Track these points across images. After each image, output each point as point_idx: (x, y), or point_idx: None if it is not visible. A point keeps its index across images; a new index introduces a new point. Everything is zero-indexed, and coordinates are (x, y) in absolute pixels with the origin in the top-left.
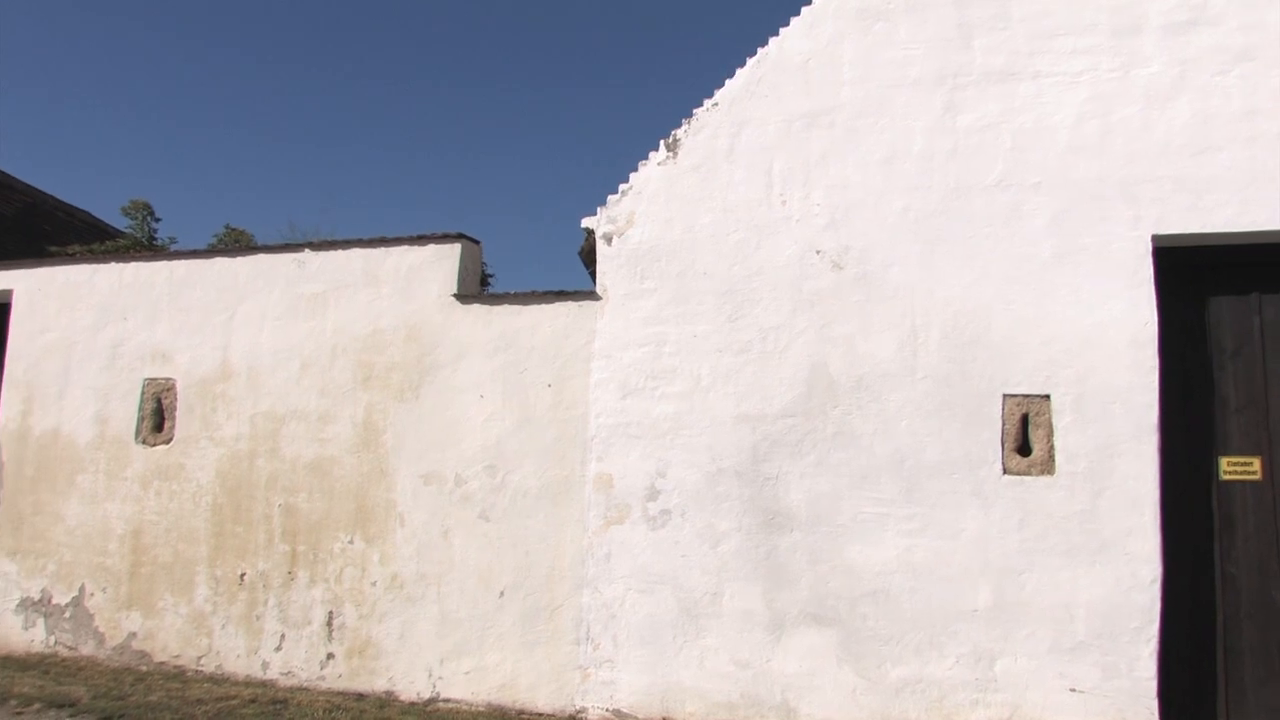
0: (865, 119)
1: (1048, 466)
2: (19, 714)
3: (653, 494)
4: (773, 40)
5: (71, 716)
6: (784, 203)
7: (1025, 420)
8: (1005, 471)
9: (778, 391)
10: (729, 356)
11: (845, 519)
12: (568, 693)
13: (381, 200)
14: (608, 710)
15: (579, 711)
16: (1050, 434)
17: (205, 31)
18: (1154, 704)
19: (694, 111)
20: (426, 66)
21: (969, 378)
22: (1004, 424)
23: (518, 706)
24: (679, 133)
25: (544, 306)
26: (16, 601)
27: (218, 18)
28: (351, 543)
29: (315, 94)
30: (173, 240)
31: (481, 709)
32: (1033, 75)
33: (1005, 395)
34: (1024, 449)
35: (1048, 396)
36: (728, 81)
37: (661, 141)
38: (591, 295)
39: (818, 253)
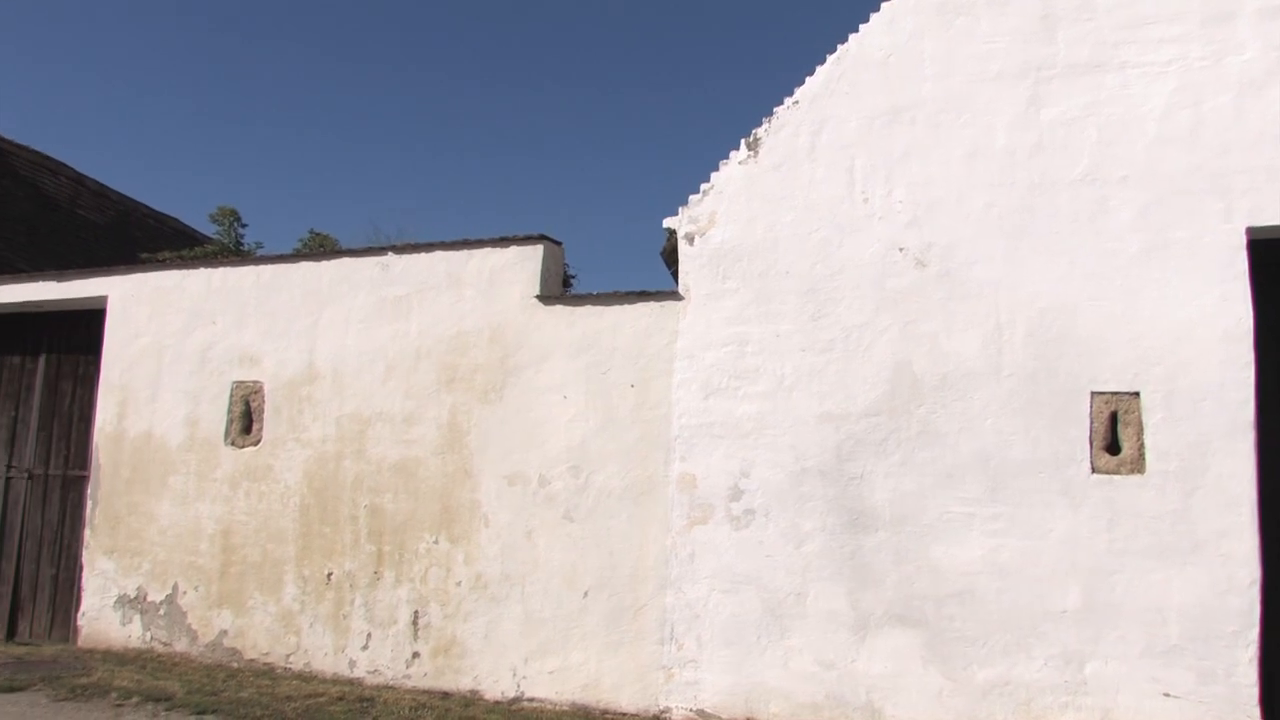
0: (947, 115)
1: (1138, 465)
2: (119, 706)
3: (736, 494)
4: (852, 37)
5: (168, 710)
6: (866, 200)
7: (1114, 418)
8: (1094, 470)
9: (861, 390)
10: (812, 355)
11: (930, 518)
12: (651, 693)
13: (464, 202)
14: (692, 710)
15: (663, 712)
16: (1140, 432)
17: (289, 38)
18: (1256, 711)
19: (774, 110)
20: (510, 69)
21: (1055, 375)
22: (1092, 422)
23: (601, 706)
24: (760, 131)
25: (626, 307)
26: (114, 598)
27: (304, 25)
28: (436, 543)
29: (398, 98)
30: (259, 246)
31: (565, 708)
32: (1119, 66)
33: (1093, 393)
34: (1113, 447)
35: (1137, 394)
36: (808, 79)
37: (742, 140)
38: (674, 295)
39: (900, 250)
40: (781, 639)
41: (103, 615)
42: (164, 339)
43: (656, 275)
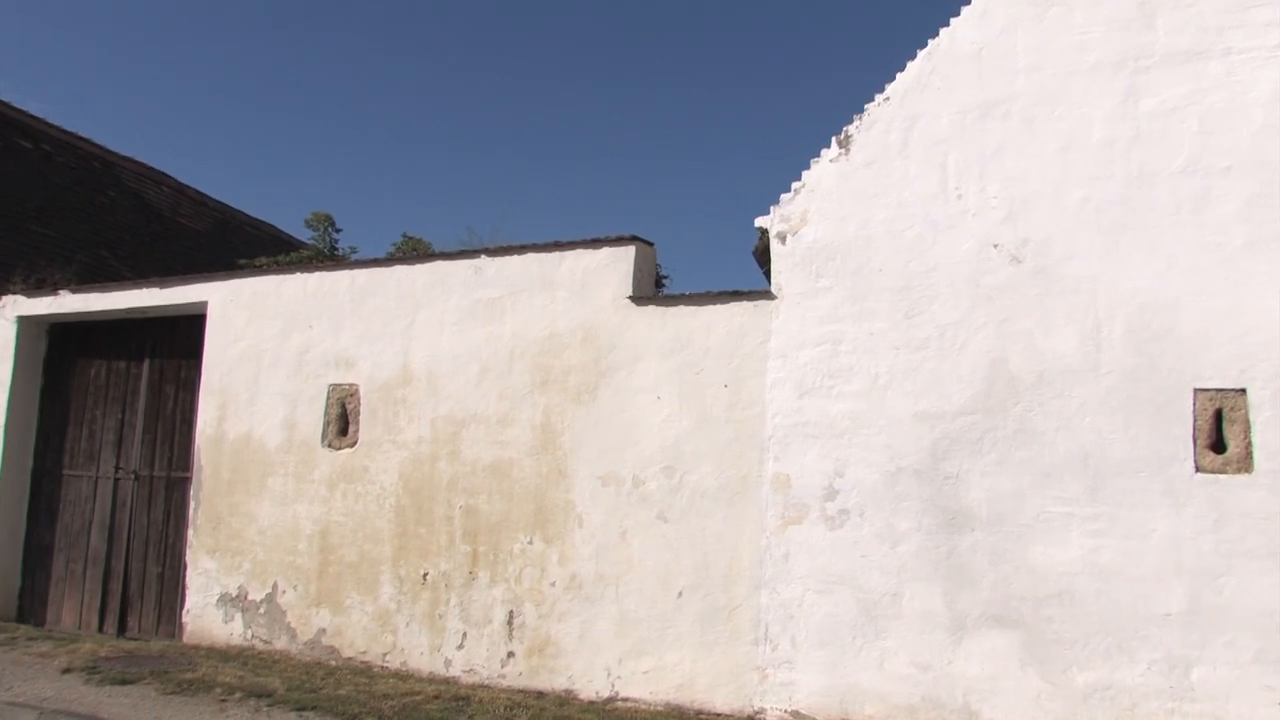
0: (1041, 108)
1: (1245, 464)
2: (223, 701)
3: (831, 494)
4: (943, 31)
5: (269, 707)
6: (959, 196)
7: (1219, 415)
8: (1198, 469)
9: (956, 389)
10: (906, 354)
11: (1028, 518)
12: (746, 693)
13: (556, 204)
14: (786, 711)
15: (757, 712)
16: (1247, 429)
17: (379, 42)
18: None
19: (865, 107)
20: (599, 70)
21: (1156, 372)
22: (1195, 420)
23: (696, 706)
24: (851, 129)
25: (719, 307)
26: (217, 597)
27: (393, 30)
28: (531, 543)
29: (488, 100)
30: (353, 250)
31: (660, 708)
32: (1223, 52)
33: (1196, 390)
34: (1218, 445)
35: (1244, 390)
36: (898, 75)
37: (833, 138)
38: (766, 295)
39: (995, 246)
40: (877, 640)
41: (206, 613)
42: (262, 343)
43: (749, 275)
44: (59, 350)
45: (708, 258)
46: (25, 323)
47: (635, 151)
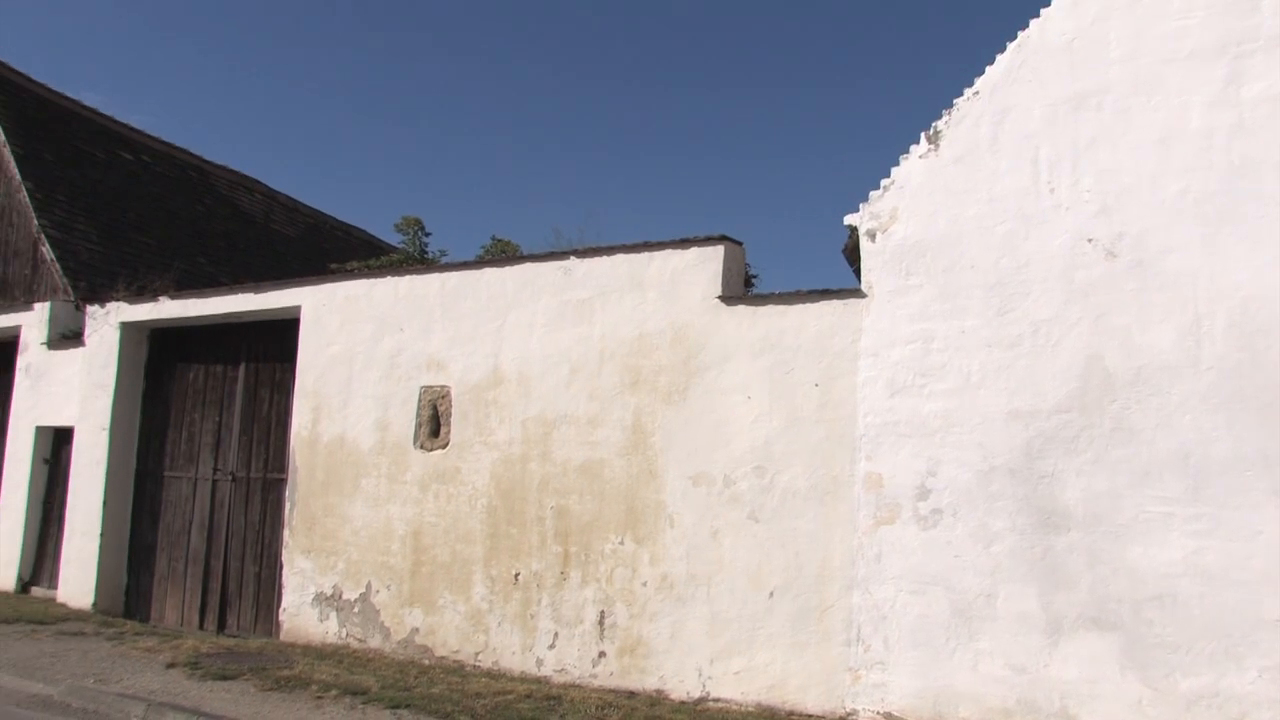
0: (1137, 98)
1: None
2: (319, 698)
3: (923, 493)
4: (1033, 23)
5: (364, 704)
6: (1052, 190)
7: None
8: None
9: (1051, 386)
10: (999, 351)
11: (1126, 518)
12: (838, 694)
13: (644, 204)
14: (879, 713)
15: (849, 714)
16: None
17: (467, 47)
18: None
19: (954, 102)
20: (687, 70)
21: (1261, 367)
22: None
23: (787, 707)
24: (940, 124)
25: (809, 306)
26: (312, 596)
27: (482, 33)
28: (622, 543)
29: (575, 102)
30: (443, 253)
31: (751, 709)
32: None
33: None
34: None
35: None
36: (988, 69)
37: (922, 134)
38: (856, 293)
39: (1089, 241)
40: (970, 641)
41: (302, 612)
42: (354, 346)
43: (839, 273)
44: (159, 355)
45: (797, 256)
46: (128, 328)
47: (723, 151)
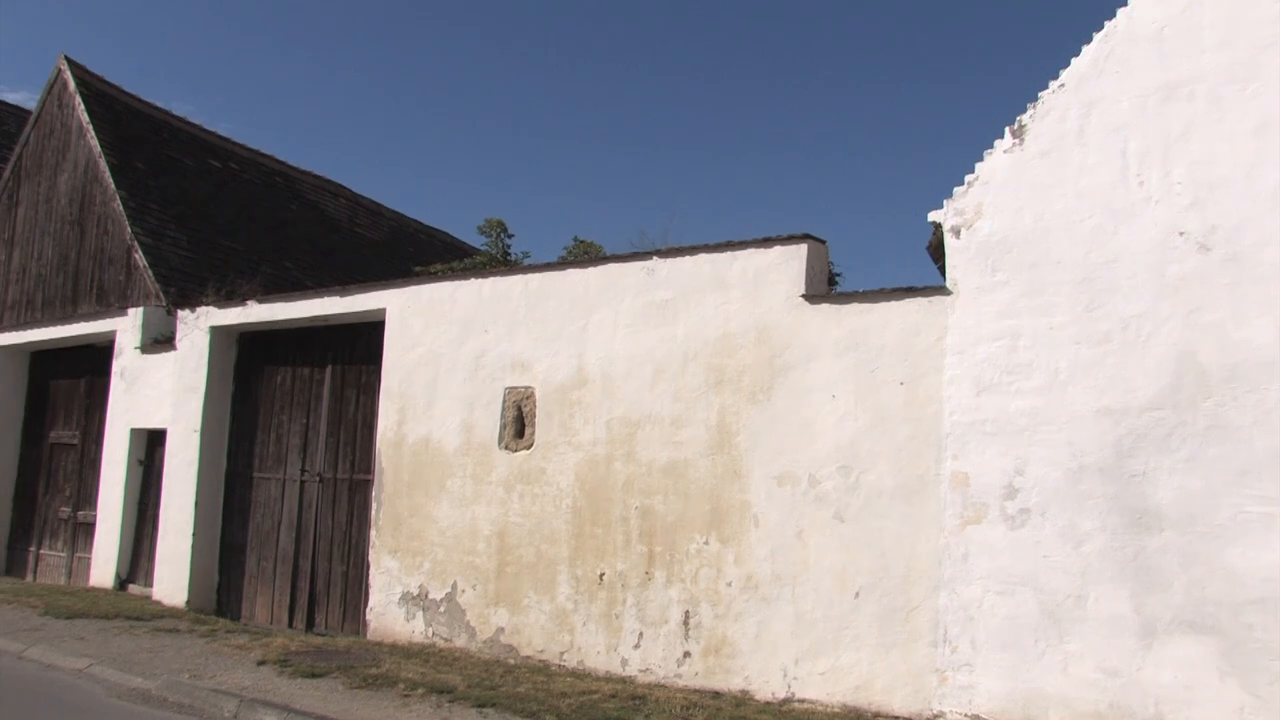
0: (1231, 86)
1: None
2: (406, 696)
3: (1011, 492)
4: (1121, 12)
5: (450, 703)
6: (1141, 184)
7: None
8: None
9: (1142, 383)
10: (1088, 348)
11: (1223, 519)
12: (924, 696)
13: (726, 204)
14: (966, 715)
15: (936, 715)
16: None
17: (547, 48)
18: None
19: (1039, 95)
20: (766, 68)
21: None
22: None
23: (873, 709)
24: (1024, 118)
25: (893, 304)
26: (399, 595)
27: (562, 35)
28: (707, 544)
29: (656, 102)
30: (526, 255)
31: (837, 710)
32: None
33: None
34: None
35: None
36: (1073, 60)
37: (1007, 129)
38: (941, 290)
39: (1181, 234)
40: (1060, 643)
41: (388, 611)
42: (439, 348)
43: (923, 271)
44: (248, 358)
45: (880, 254)
46: (217, 332)
47: (806, 149)
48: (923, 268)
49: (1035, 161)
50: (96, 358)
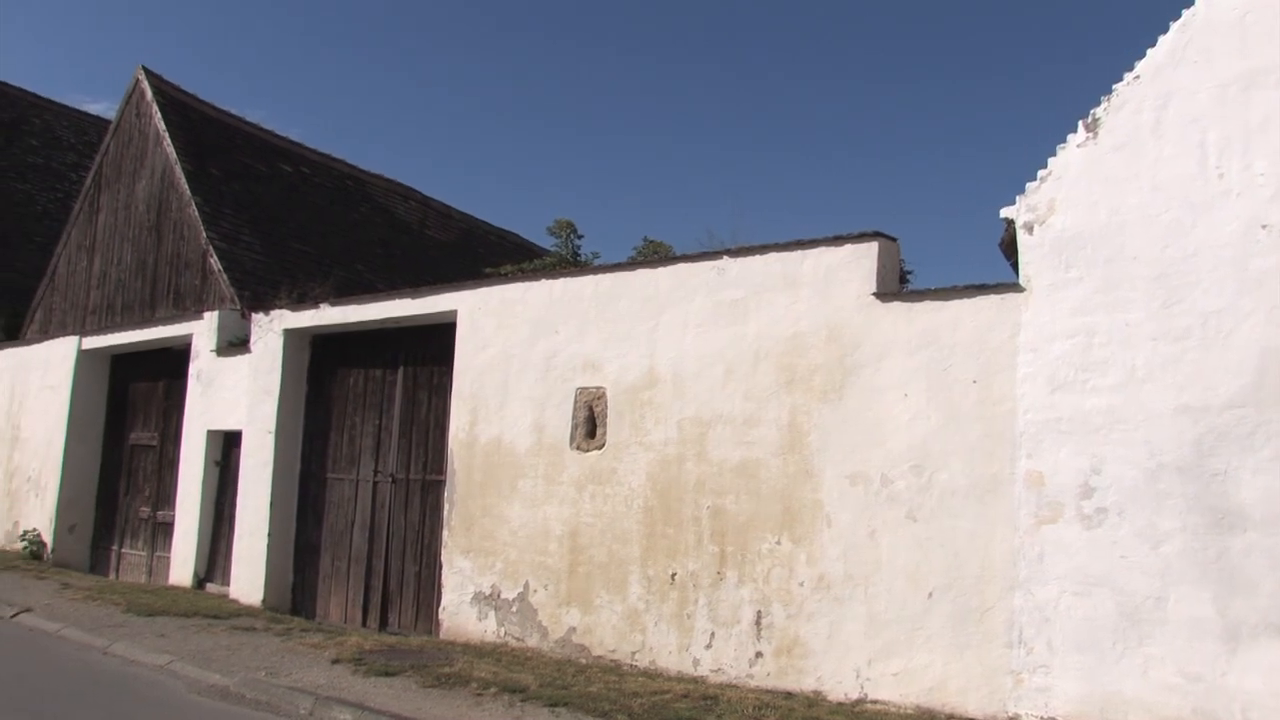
0: None
1: None
2: (479, 696)
3: (1087, 491)
4: (1200, 0)
5: (522, 702)
6: (1221, 176)
7: None
8: None
9: (1223, 380)
10: (1165, 345)
11: None
12: (999, 698)
13: (795, 203)
14: (1042, 718)
15: (1012, 718)
16: None
17: (614, 49)
18: None
19: (1113, 87)
20: (834, 66)
21: None
22: None
23: (947, 710)
24: (1098, 111)
25: (965, 301)
26: (471, 595)
27: (628, 36)
28: (779, 543)
29: (724, 102)
30: (595, 256)
31: (910, 712)
32: None
33: None
34: None
35: None
36: (1149, 51)
37: (1080, 122)
38: (1014, 287)
39: (1264, 227)
40: (1139, 646)
41: (461, 610)
42: (510, 349)
43: (995, 268)
44: (321, 360)
45: (952, 252)
46: (290, 335)
47: (875, 147)
48: (994, 265)
49: (1110, 155)
50: (174, 360)
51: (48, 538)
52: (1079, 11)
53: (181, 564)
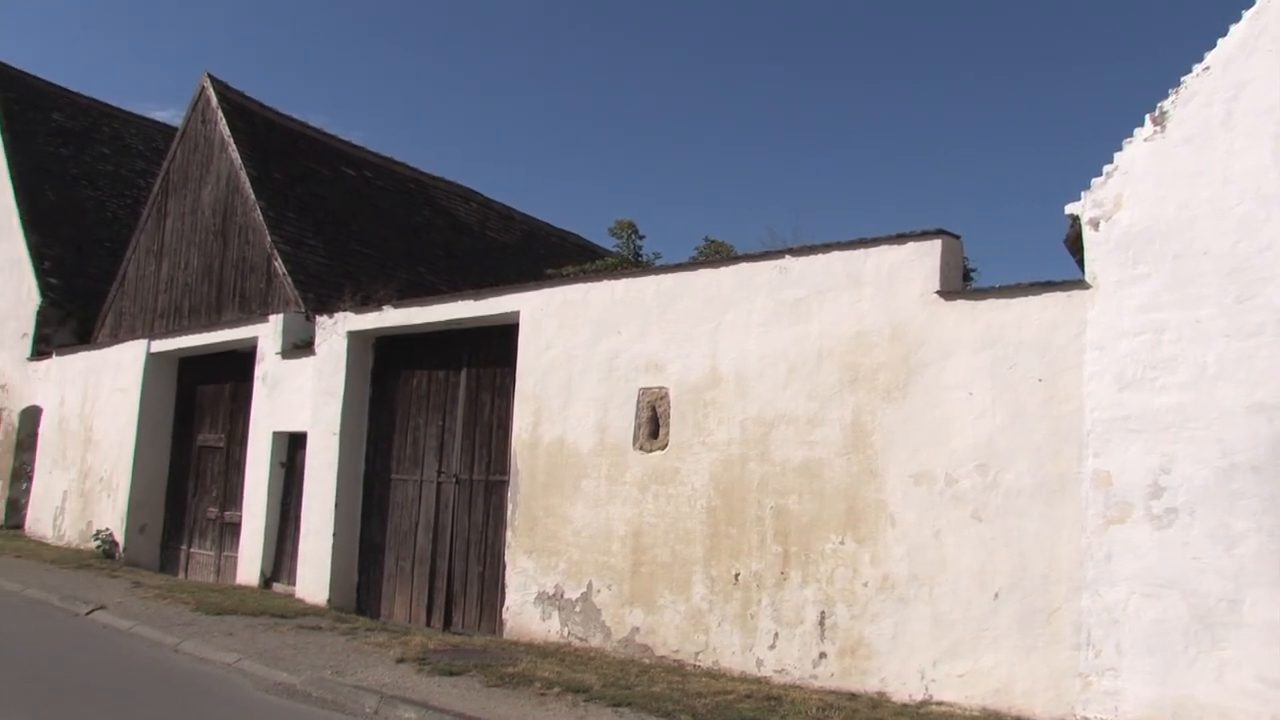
0: None
1: None
2: (542, 695)
3: (1156, 491)
4: None
5: (586, 701)
6: None
7: None
8: None
9: None
10: (1238, 341)
11: None
12: (1067, 700)
13: (856, 201)
14: None
15: None
16: None
17: (674, 50)
18: None
19: (1181, 79)
20: (892, 65)
21: None
22: None
23: (1014, 712)
24: (1166, 104)
25: (1030, 299)
26: (534, 595)
27: (689, 37)
28: (842, 543)
29: (784, 102)
30: (657, 256)
31: (976, 714)
32: None
33: None
34: None
35: None
36: (1220, 41)
37: (1147, 116)
38: (1080, 284)
39: None
40: (1213, 650)
41: (524, 611)
42: (572, 349)
43: (1060, 265)
44: (384, 362)
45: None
46: (354, 337)
47: (935, 145)
48: (1059, 262)
49: (1179, 149)
50: (240, 363)
51: (120, 537)
52: (1140, 3)
53: (248, 564)
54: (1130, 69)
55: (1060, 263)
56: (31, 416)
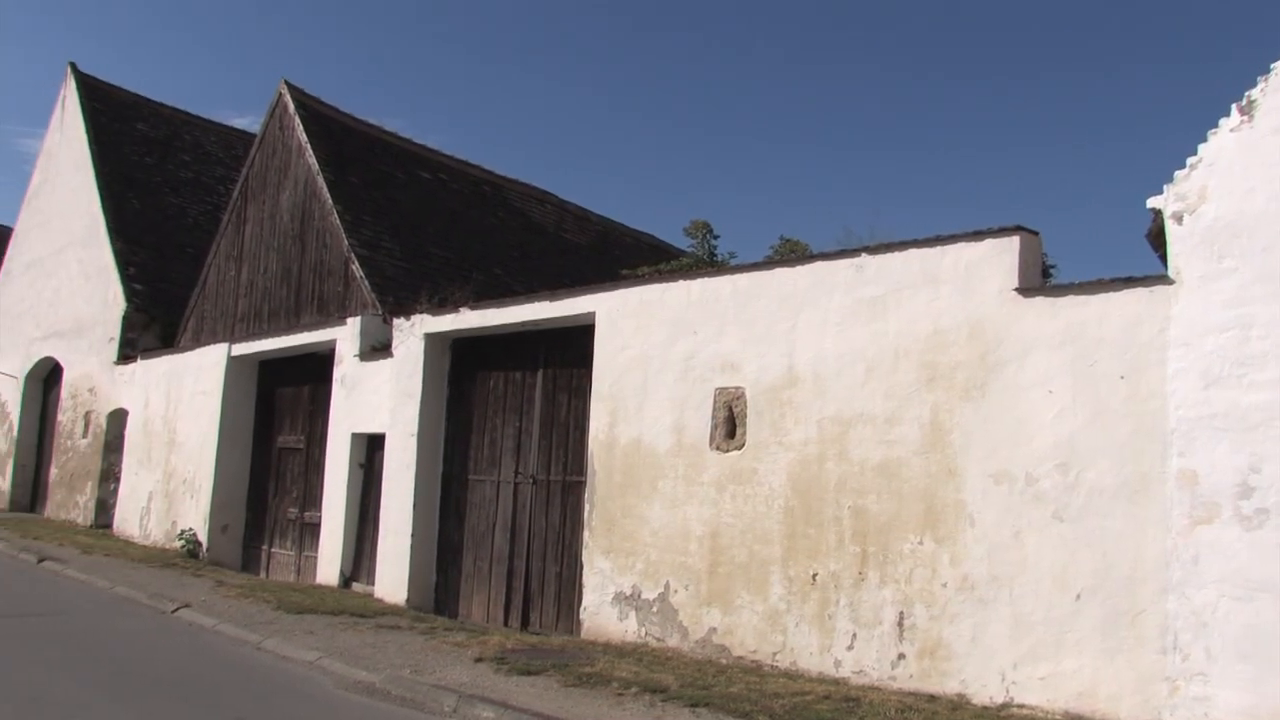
0: None
1: None
2: (620, 695)
3: (1245, 491)
4: None
5: (663, 701)
6: None
7: None
8: None
9: None
10: None
11: None
12: (1153, 705)
13: (933, 198)
14: None
15: None
16: None
17: (751, 49)
18: None
19: (1270, 66)
20: (970, 62)
21: None
22: None
23: (1098, 717)
24: (1253, 93)
25: (1111, 295)
26: (611, 595)
27: (763, 35)
28: (921, 544)
29: (858, 99)
30: (732, 255)
31: (1059, 717)
32: None
33: None
34: None
35: None
36: None
37: (1234, 105)
38: (1163, 280)
39: None
40: None
41: (601, 611)
42: (649, 350)
43: (1142, 260)
44: (461, 363)
45: (1096, 246)
46: (431, 339)
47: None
48: (1141, 257)
49: (1268, 139)
50: (318, 365)
51: (203, 537)
52: None
53: (328, 563)
54: (1209, 64)
55: (1142, 258)
56: (118, 419)
